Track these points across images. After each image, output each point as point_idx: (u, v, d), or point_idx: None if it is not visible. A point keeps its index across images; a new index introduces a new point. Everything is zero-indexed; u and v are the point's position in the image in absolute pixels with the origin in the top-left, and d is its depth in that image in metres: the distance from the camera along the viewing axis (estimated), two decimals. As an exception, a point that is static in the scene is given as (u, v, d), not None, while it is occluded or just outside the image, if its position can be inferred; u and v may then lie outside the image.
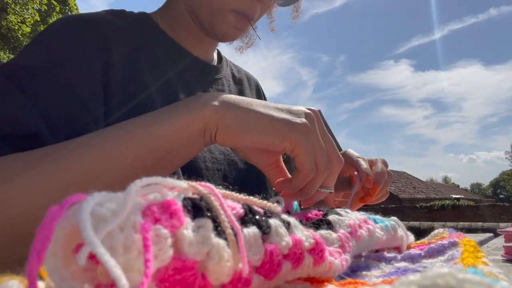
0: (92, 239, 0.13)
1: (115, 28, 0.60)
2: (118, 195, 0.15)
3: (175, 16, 0.70)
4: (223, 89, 0.76)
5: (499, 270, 0.23)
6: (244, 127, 0.38)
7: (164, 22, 0.70)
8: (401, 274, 0.29)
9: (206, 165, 0.62)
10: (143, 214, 0.15)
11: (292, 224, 0.23)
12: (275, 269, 0.20)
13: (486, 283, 0.12)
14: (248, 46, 0.84)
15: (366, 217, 0.35)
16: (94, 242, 0.13)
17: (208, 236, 0.17)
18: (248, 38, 0.83)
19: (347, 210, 0.34)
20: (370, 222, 0.35)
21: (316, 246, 0.23)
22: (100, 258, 0.12)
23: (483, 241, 0.91)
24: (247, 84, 0.87)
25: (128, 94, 0.57)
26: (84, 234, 0.13)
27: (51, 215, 0.13)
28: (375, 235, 0.34)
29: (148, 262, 0.13)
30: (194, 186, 0.18)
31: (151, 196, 0.16)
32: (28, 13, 10.79)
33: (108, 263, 0.12)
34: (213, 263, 0.17)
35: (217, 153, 0.65)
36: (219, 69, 0.78)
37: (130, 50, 0.60)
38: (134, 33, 0.63)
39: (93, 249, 0.13)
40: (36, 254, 0.12)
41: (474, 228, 6.13)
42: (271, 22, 0.83)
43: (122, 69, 0.58)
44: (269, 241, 0.20)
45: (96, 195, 0.14)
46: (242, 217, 0.20)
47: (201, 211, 0.17)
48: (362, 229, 0.32)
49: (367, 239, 0.32)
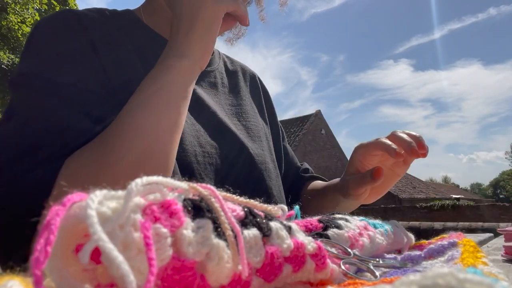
0: (101, 234, 0.13)
1: (100, 27, 0.60)
2: (119, 194, 0.15)
3: (158, 11, 0.69)
4: (215, 82, 0.75)
5: (499, 270, 0.23)
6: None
7: (148, 18, 0.69)
8: (401, 274, 0.29)
9: (197, 159, 0.61)
10: (143, 213, 0.15)
11: (294, 228, 0.23)
12: (275, 272, 0.20)
13: (486, 283, 0.12)
14: (238, 37, 0.82)
15: (366, 223, 0.35)
16: (103, 238, 0.13)
17: (208, 237, 0.17)
18: (238, 29, 0.81)
19: (347, 218, 0.34)
20: (370, 228, 0.35)
21: (318, 251, 0.23)
22: (108, 254, 0.12)
23: (483, 241, 0.91)
24: (242, 76, 0.85)
25: (118, 91, 0.56)
26: (92, 230, 0.13)
27: (53, 213, 0.13)
28: (375, 241, 0.34)
29: (152, 261, 0.13)
30: (194, 187, 0.18)
31: (151, 196, 0.16)
32: (28, 13, 10.79)
33: (117, 259, 0.12)
34: (213, 264, 0.16)
35: (208, 147, 0.64)
36: (210, 61, 0.75)
37: (117, 47, 0.60)
38: (119, 30, 0.63)
39: (102, 245, 0.13)
40: (42, 250, 0.12)
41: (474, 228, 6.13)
42: (260, 11, 0.81)
43: (113, 68, 0.57)
44: (270, 244, 0.20)
45: (98, 193, 0.14)
46: (243, 219, 0.20)
47: (202, 212, 0.17)
48: (363, 237, 0.32)
49: (369, 246, 0.32)
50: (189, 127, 0.62)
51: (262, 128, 0.80)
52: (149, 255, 0.13)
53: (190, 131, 0.62)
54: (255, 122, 0.79)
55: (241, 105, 0.78)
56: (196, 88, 0.69)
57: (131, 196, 0.15)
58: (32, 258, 0.12)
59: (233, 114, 0.75)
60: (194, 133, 0.63)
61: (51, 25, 0.57)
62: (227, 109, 0.74)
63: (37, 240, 0.13)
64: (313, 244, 0.23)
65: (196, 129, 0.64)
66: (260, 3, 0.80)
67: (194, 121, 0.64)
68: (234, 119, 0.74)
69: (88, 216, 0.13)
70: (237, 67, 0.85)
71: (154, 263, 0.13)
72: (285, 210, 0.25)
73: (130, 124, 0.46)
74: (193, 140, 0.61)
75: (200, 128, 0.64)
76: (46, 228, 0.13)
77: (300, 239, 0.23)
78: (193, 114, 0.65)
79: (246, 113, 0.78)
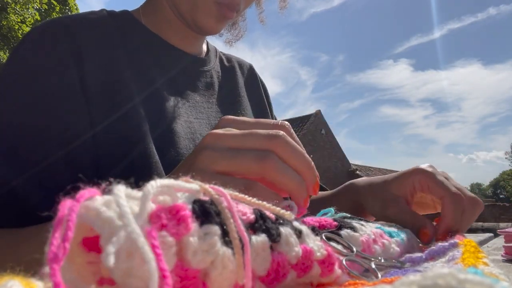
0: (135, 226, 0.12)
1: (90, 30, 0.59)
2: (135, 194, 0.15)
3: (157, 11, 0.68)
4: (212, 81, 0.74)
5: (499, 271, 0.23)
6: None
7: (147, 18, 0.68)
8: (401, 274, 0.29)
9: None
10: (150, 219, 0.15)
11: (304, 232, 0.22)
12: (279, 279, 0.20)
13: (487, 284, 0.12)
14: (237, 39, 0.81)
15: (382, 232, 0.34)
16: (137, 231, 0.12)
17: (214, 245, 0.16)
18: (238, 31, 0.80)
19: (362, 223, 0.33)
20: (386, 237, 0.34)
21: (327, 258, 0.23)
22: (141, 249, 0.12)
23: (483, 241, 0.91)
24: (239, 71, 0.83)
25: (108, 96, 0.55)
26: (125, 221, 0.13)
27: (66, 207, 0.13)
28: (390, 250, 0.33)
29: (165, 272, 0.13)
30: (205, 189, 0.18)
31: (161, 198, 0.16)
32: (28, 12, 10.78)
33: (148, 255, 0.12)
34: (216, 273, 0.16)
35: None
36: (205, 61, 0.75)
37: (108, 50, 0.59)
38: (112, 31, 0.62)
39: (135, 238, 0.12)
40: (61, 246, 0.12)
41: (474, 228, 6.12)
42: (260, 12, 0.80)
43: (100, 72, 0.56)
44: (278, 251, 0.20)
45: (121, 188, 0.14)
46: (252, 223, 0.19)
47: (210, 216, 0.17)
48: (377, 244, 0.31)
49: (382, 255, 0.32)
50: (184, 130, 0.62)
51: None
52: (161, 266, 0.13)
53: (185, 134, 0.61)
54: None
55: (238, 102, 0.77)
56: (191, 90, 0.68)
57: (148, 199, 0.15)
58: (49, 254, 0.12)
59: (229, 113, 0.73)
60: (190, 136, 0.62)
61: (34, 39, 0.57)
62: (223, 109, 0.73)
63: (52, 235, 0.12)
64: (323, 251, 0.23)
65: (191, 131, 0.63)
66: (260, 5, 0.80)
67: (190, 124, 0.64)
68: None
69: (121, 206, 0.13)
70: (234, 63, 0.84)
71: (167, 274, 0.13)
72: (294, 208, 0.24)
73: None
74: (188, 144, 0.61)
75: (196, 131, 0.64)
76: (61, 223, 0.13)
77: (309, 245, 0.22)
78: (188, 117, 0.64)
79: (244, 111, 0.77)
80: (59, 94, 0.53)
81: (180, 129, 0.61)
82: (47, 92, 0.52)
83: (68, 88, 0.53)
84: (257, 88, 0.87)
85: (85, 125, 0.53)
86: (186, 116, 0.64)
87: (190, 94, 0.67)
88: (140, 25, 0.67)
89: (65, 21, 0.58)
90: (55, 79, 0.53)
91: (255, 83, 0.87)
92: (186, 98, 0.66)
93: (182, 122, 0.62)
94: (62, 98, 0.53)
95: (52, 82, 0.53)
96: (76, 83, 0.54)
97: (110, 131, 0.54)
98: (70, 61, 0.55)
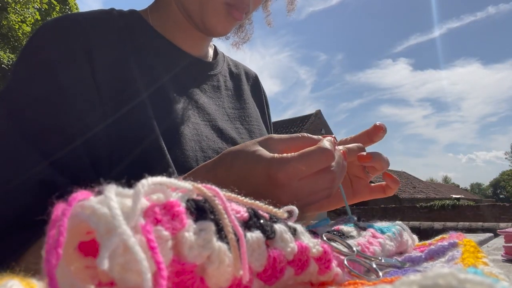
0: (126, 229, 0.12)
1: (101, 29, 0.60)
2: (128, 192, 0.15)
3: (165, 12, 0.68)
4: (219, 85, 0.74)
5: (499, 271, 0.23)
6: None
7: (155, 19, 0.68)
8: (401, 274, 0.29)
9: (198, 164, 0.59)
10: (144, 215, 0.15)
11: (299, 230, 0.23)
12: (276, 275, 0.20)
13: (487, 283, 0.12)
14: (244, 42, 0.82)
15: (373, 231, 0.34)
16: (128, 233, 0.12)
17: (209, 240, 0.16)
18: (244, 33, 0.81)
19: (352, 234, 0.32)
20: (379, 235, 0.34)
21: (323, 255, 0.23)
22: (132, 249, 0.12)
23: (483, 241, 0.91)
24: (245, 79, 0.84)
25: (116, 96, 0.56)
26: (116, 223, 0.13)
27: (59, 211, 0.13)
28: (386, 247, 0.33)
29: (160, 264, 0.13)
30: (198, 188, 0.18)
31: (154, 196, 0.16)
32: (28, 12, 10.78)
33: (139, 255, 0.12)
34: (213, 268, 0.16)
35: (209, 152, 0.63)
36: (213, 65, 0.76)
37: (117, 50, 0.60)
38: (121, 31, 0.62)
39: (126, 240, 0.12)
40: (53, 252, 0.12)
41: (474, 228, 6.12)
42: (267, 15, 0.81)
43: (109, 71, 0.57)
44: (274, 247, 0.20)
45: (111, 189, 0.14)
46: (246, 221, 0.19)
47: (205, 213, 0.17)
48: (373, 245, 0.31)
49: (381, 254, 0.32)
50: (190, 132, 0.62)
51: (265, 132, 0.80)
52: (156, 259, 0.13)
53: (192, 136, 0.62)
54: (258, 125, 0.78)
55: (245, 108, 0.78)
56: (198, 93, 0.69)
57: (139, 197, 0.15)
58: (44, 260, 0.12)
59: (236, 117, 0.74)
60: (196, 138, 0.62)
61: (45, 36, 0.57)
62: (230, 113, 0.73)
63: (46, 240, 0.12)
64: (318, 248, 0.23)
65: (198, 133, 0.63)
66: (267, 8, 0.80)
67: (196, 126, 0.64)
68: (237, 123, 0.73)
69: (112, 208, 0.13)
70: (240, 70, 0.85)
71: (163, 266, 0.13)
72: (294, 213, 0.24)
73: None
74: (194, 145, 0.61)
75: (202, 133, 0.64)
76: (54, 228, 0.13)
77: (305, 242, 0.22)
78: (195, 119, 0.65)
79: (249, 117, 0.78)
80: (76, 87, 0.54)
81: (187, 131, 0.61)
82: (64, 84, 0.53)
83: (84, 82, 0.55)
84: (260, 98, 0.88)
85: (100, 116, 0.54)
86: (193, 118, 0.64)
87: (197, 97, 0.68)
88: (147, 26, 0.67)
89: (78, 18, 0.59)
90: (71, 72, 0.54)
91: (259, 93, 0.89)
92: (194, 100, 0.67)
93: (189, 123, 0.63)
94: (78, 91, 0.54)
95: (68, 75, 0.54)
96: (90, 78, 0.55)
97: (120, 129, 0.55)
98: (83, 57, 0.56)
